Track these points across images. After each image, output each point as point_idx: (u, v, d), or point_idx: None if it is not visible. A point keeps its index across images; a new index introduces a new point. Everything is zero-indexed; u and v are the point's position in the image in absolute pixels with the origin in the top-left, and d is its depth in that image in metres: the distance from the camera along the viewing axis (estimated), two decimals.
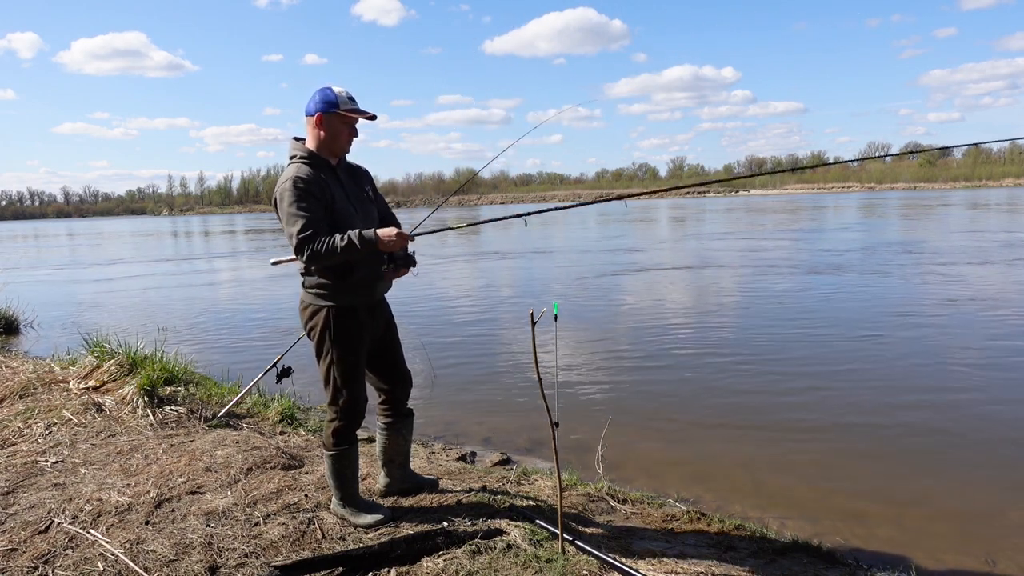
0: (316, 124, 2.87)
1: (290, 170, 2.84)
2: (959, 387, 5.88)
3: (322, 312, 2.90)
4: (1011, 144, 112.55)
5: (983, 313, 8.81)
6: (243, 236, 40.63)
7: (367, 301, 2.99)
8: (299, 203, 2.74)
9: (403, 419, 3.30)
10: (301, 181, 2.77)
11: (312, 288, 2.92)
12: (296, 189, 2.76)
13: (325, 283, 2.88)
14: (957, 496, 3.98)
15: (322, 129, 2.88)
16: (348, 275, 2.87)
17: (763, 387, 6.11)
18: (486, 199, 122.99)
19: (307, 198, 2.76)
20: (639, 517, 3.47)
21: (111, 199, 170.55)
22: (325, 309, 2.90)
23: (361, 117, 2.92)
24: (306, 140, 2.95)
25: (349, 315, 2.91)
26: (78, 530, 2.97)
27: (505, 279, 14.48)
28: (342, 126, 2.89)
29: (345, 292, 2.90)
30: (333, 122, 2.87)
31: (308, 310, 2.95)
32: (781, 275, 13.09)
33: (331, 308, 2.89)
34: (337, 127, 2.88)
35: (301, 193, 2.76)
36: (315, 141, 2.91)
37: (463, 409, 5.80)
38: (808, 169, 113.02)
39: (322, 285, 2.89)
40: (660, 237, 26.14)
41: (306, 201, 2.75)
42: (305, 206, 2.74)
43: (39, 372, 5.59)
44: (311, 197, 2.77)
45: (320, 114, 2.85)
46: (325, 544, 2.86)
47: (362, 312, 2.96)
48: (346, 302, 2.90)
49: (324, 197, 2.81)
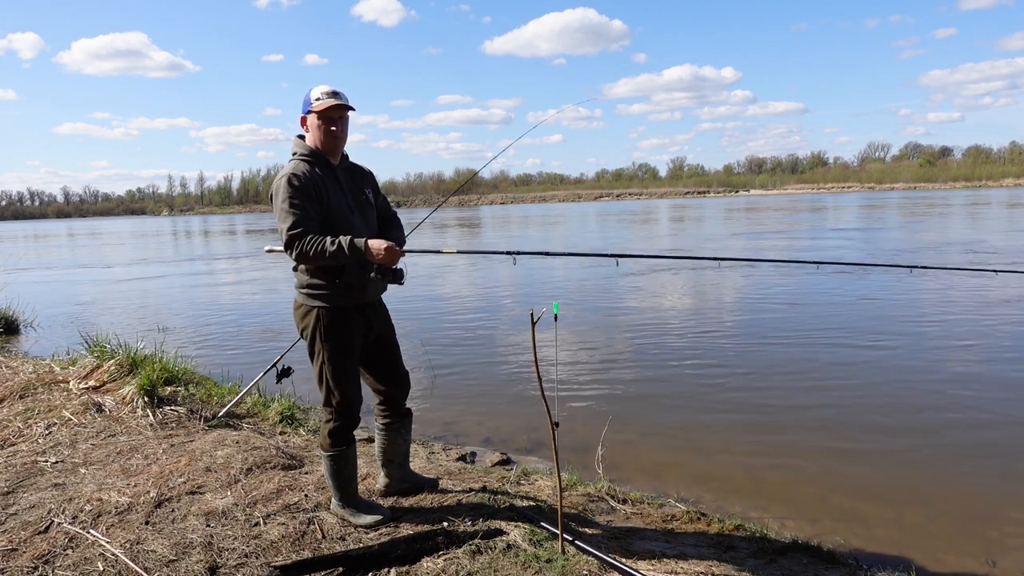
0: (302, 124, 2.97)
1: (288, 167, 2.87)
2: (960, 387, 5.88)
3: (313, 312, 2.91)
4: (1011, 144, 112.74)
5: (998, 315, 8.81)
6: (244, 236, 40.60)
7: (358, 302, 2.99)
8: (292, 200, 2.77)
9: (401, 419, 3.31)
10: (296, 178, 2.79)
11: (304, 288, 2.94)
12: (291, 186, 2.78)
13: (316, 283, 2.90)
14: (957, 496, 3.98)
15: (306, 128, 2.96)
16: (338, 276, 2.88)
17: (763, 387, 6.10)
18: (486, 199, 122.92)
19: (300, 196, 2.78)
20: (639, 517, 3.47)
21: (111, 199, 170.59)
22: (316, 310, 2.91)
23: (329, 110, 2.86)
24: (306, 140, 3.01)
25: (339, 316, 2.92)
26: (78, 530, 2.97)
27: (505, 279, 14.48)
28: (318, 122, 2.90)
29: (336, 293, 2.90)
30: (311, 121, 2.92)
31: (300, 310, 2.97)
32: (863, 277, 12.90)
33: (322, 309, 2.91)
34: (313, 125, 2.92)
35: (295, 190, 2.78)
36: (311, 140, 2.96)
37: (463, 409, 5.80)
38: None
39: (313, 285, 2.91)
40: (711, 234, 26.12)
41: (299, 199, 2.77)
42: (298, 203, 2.77)
43: (39, 372, 5.59)
44: (305, 195, 2.79)
45: (303, 116, 2.95)
46: (325, 544, 2.86)
47: (353, 313, 2.96)
48: (336, 303, 2.91)
49: (319, 196, 2.83)
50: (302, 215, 2.76)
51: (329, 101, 2.88)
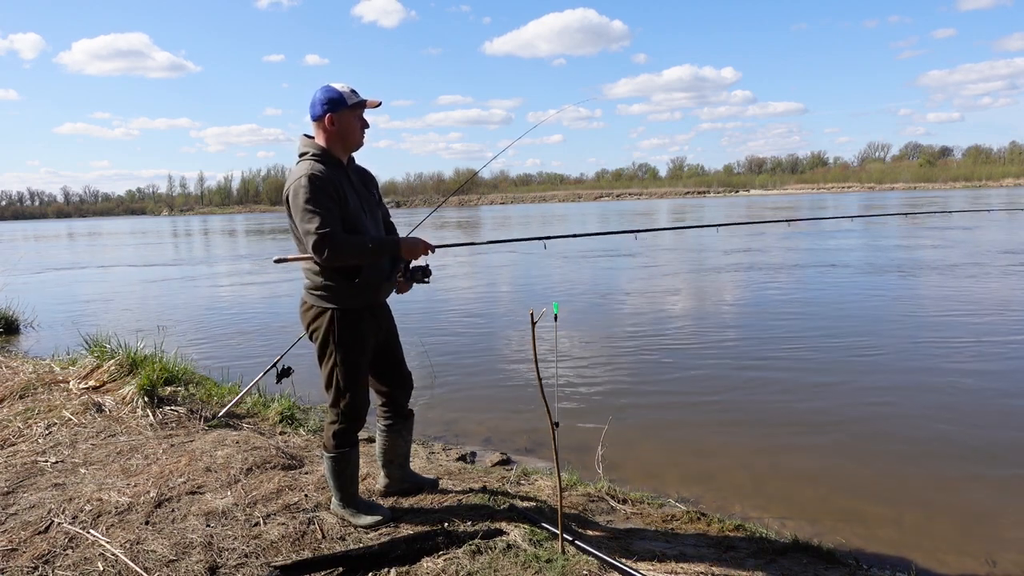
0: (329, 124, 2.82)
1: (304, 166, 2.78)
2: (960, 387, 5.87)
3: (326, 315, 2.86)
4: (1011, 144, 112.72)
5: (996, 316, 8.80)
6: (244, 237, 40.61)
7: (371, 304, 2.97)
8: (317, 199, 2.68)
9: (403, 420, 3.29)
10: (317, 179, 2.71)
11: (316, 290, 2.87)
12: (312, 185, 2.69)
13: (330, 285, 2.84)
14: (957, 496, 3.98)
15: (334, 127, 2.83)
16: (356, 276, 2.84)
17: (763, 387, 6.10)
18: (486, 199, 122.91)
19: (324, 195, 2.70)
20: (639, 517, 3.46)
21: (111, 199, 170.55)
22: (329, 312, 2.86)
23: (368, 107, 2.90)
24: (316, 140, 2.90)
25: (353, 318, 2.88)
26: (78, 530, 2.97)
27: (505, 278, 14.48)
28: (353, 120, 2.87)
29: (351, 295, 2.86)
30: (344, 118, 2.83)
31: (311, 312, 2.91)
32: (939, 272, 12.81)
33: (335, 311, 2.85)
34: (349, 123, 2.85)
35: (318, 190, 2.69)
36: (327, 140, 2.86)
37: (463, 409, 5.80)
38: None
39: (327, 287, 2.85)
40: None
41: (323, 198, 2.69)
42: (323, 203, 2.69)
43: (39, 372, 5.59)
44: (327, 195, 2.71)
45: (330, 114, 2.81)
46: (325, 544, 2.85)
47: (366, 315, 2.94)
48: (350, 305, 2.87)
49: (337, 196, 2.76)
50: (328, 215, 2.68)
51: (372, 99, 2.88)
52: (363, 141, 2.95)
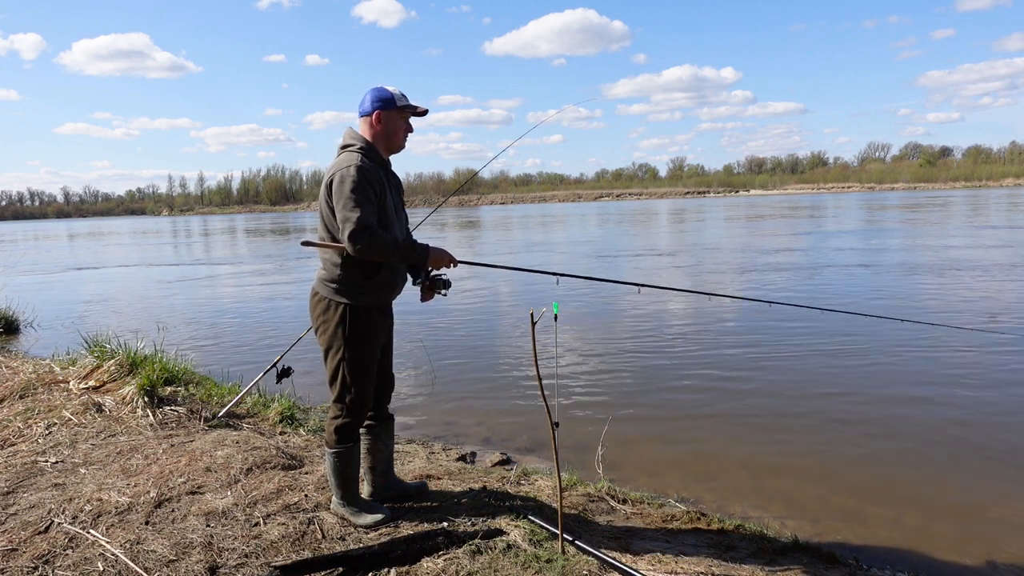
0: (376, 121, 2.88)
1: (353, 156, 2.80)
2: (960, 388, 5.87)
3: (338, 309, 2.86)
4: (1011, 144, 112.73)
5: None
6: (244, 237, 40.61)
7: (385, 302, 2.99)
8: (363, 190, 2.71)
9: (384, 423, 3.25)
10: (364, 171, 2.75)
11: (332, 282, 2.88)
12: (361, 175, 2.72)
13: (348, 280, 2.85)
14: (957, 496, 3.98)
15: (381, 126, 2.89)
16: (375, 274, 2.86)
17: (764, 387, 6.10)
18: (486, 199, 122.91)
19: (368, 188, 2.74)
20: (639, 517, 3.47)
21: (111, 199, 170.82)
22: (342, 306, 2.86)
23: (414, 114, 2.97)
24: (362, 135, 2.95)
25: (365, 315, 2.89)
26: (78, 530, 2.97)
27: (505, 279, 14.47)
28: (400, 122, 2.92)
29: (367, 291, 2.88)
30: (392, 118, 2.89)
31: (322, 304, 2.91)
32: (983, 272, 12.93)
33: (348, 306, 2.86)
34: (395, 123, 2.91)
35: (365, 181, 2.73)
36: (372, 137, 2.91)
37: (463, 409, 5.79)
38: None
39: (344, 281, 2.86)
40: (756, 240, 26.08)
41: (368, 190, 2.73)
42: (368, 194, 2.73)
43: (39, 372, 5.59)
44: (371, 188, 2.76)
45: (379, 111, 2.87)
46: (325, 544, 2.85)
47: (377, 312, 2.95)
48: (364, 301, 2.88)
49: (377, 192, 2.80)
50: (370, 207, 2.72)
51: (419, 105, 2.93)
52: (405, 144, 3.00)
